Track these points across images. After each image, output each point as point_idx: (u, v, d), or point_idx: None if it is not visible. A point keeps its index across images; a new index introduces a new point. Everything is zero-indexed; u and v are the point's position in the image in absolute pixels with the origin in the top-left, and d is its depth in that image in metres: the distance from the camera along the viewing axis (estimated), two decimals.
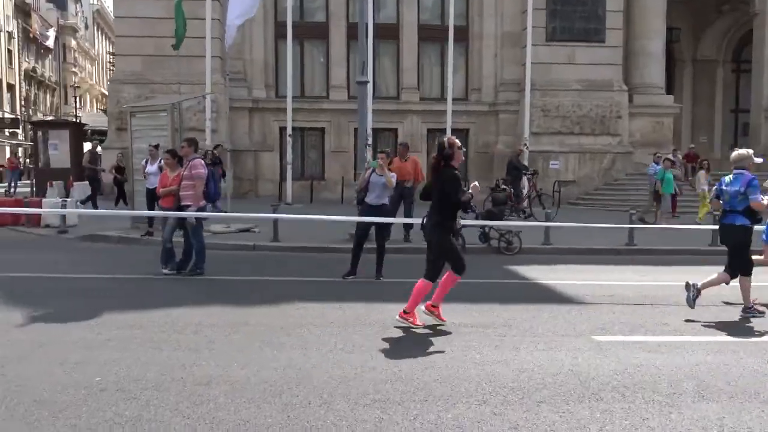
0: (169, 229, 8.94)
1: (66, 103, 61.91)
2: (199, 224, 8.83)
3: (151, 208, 11.58)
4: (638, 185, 20.02)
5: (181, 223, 8.83)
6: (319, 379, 4.52)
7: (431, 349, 5.41)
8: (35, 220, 14.22)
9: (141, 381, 4.42)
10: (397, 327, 6.05)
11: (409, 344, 5.55)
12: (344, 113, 21.71)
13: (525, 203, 16.95)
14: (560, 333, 5.96)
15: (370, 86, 17.36)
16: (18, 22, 51.45)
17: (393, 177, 8.90)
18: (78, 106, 60.71)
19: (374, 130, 18.88)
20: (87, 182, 18.85)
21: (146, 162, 12.47)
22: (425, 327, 6.06)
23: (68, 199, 14.58)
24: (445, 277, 6.22)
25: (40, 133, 22.26)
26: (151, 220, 12.28)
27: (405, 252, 11.19)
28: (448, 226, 6.15)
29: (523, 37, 21.65)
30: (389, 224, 9.80)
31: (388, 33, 22.58)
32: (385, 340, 5.66)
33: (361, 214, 9.10)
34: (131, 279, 8.65)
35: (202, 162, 8.79)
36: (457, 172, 6.08)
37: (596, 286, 8.44)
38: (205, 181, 8.63)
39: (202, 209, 8.77)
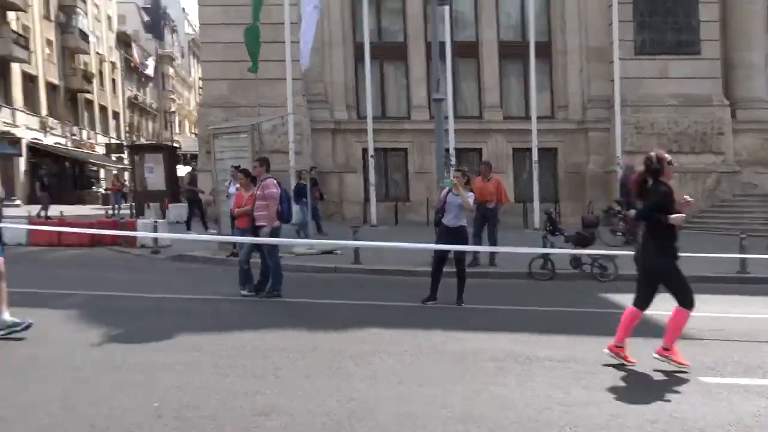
0: (245, 251, 8.89)
1: (166, 128, 65.25)
2: (274, 246, 8.71)
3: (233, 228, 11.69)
4: (750, 207, 18.49)
5: (258, 245, 8.76)
6: (384, 414, 4.16)
7: (511, 385, 4.92)
8: (132, 241, 14.68)
9: (200, 409, 4.21)
10: (480, 358, 5.60)
11: (486, 378, 5.08)
12: (426, 133, 21.40)
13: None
14: (661, 372, 5.30)
15: (450, 105, 17.12)
16: (120, 53, 54.83)
17: (470, 197, 8.47)
18: (176, 131, 63.88)
19: (457, 150, 18.51)
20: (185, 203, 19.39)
21: (229, 183, 12.65)
22: (492, 360, 5.57)
23: (160, 221, 14.97)
24: (673, 314, 5.44)
25: (137, 157, 23.33)
26: None
27: (489, 276, 10.72)
28: (670, 250, 5.36)
29: (609, 51, 20.69)
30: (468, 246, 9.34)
31: (467, 51, 22.19)
32: (460, 372, 5.23)
33: (438, 236, 8.73)
34: (210, 300, 8.63)
35: (275, 182, 8.69)
36: (667, 189, 5.37)
37: (704, 319, 7.54)
38: (278, 201, 8.53)
39: (276, 229, 8.64)
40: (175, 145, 33.90)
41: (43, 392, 4.52)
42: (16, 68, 37.21)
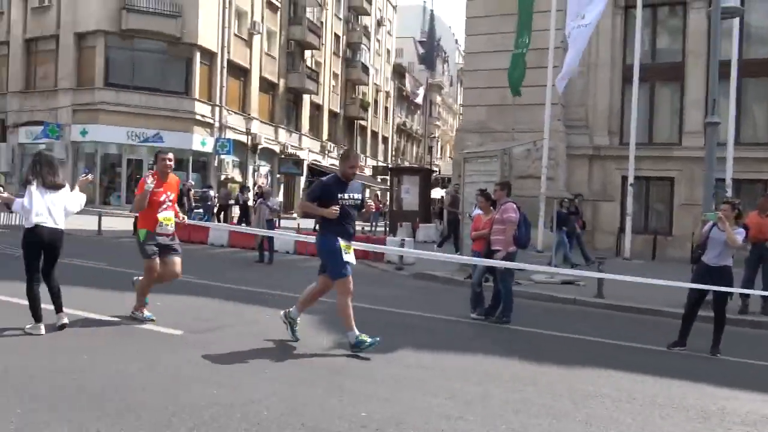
0: (478, 274, 8.84)
1: (429, 153, 68.84)
2: (508, 271, 8.53)
3: None
4: None
5: (491, 268, 8.66)
6: None
7: None
8: (380, 256, 15.66)
9: (402, 426, 4.23)
10: (728, 421, 4.76)
11: None
12: (698, 161, 19.20)
13: None
14: None
15: (730, 130, 15.14)
16: (394, 83, 59.32)
17: (739, 234, 7.32)
18: (437, 155, 66.93)
19: (736, 180, 16.30)
20: (438, 223, 20.08)
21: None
22: (742, 425, 4.65)
23: (407, 239, 15.69)
24: None
25: (396, 179, 24.89)
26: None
27: (762, 327, 9.18)
28: None
29: None
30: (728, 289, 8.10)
31: (759, 70, 19.49)
32: None
33: (695, 275, 7.72)
34: (440, 319, 8.73)
35: (515, 206, 8.51)
36: None
37: None
38: (515, 225, 8.33)
39: (511, 254, 8.44)
40: (433, 168, 35.43)
41: (263, 389, 4.95)
42: (306, 99, 42.47)
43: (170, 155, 7.18)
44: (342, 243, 6.13)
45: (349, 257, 6.20)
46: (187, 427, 3.98)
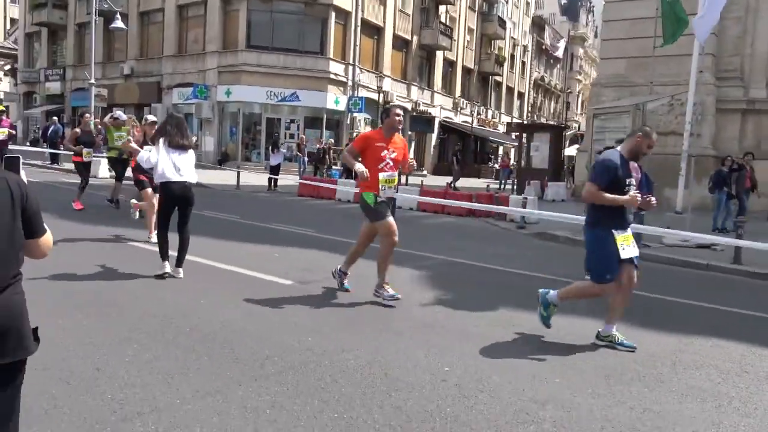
0: None
1: (568, 109, 65.88)
2: None
3: None
4: None
5: None
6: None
7: None
8: (503, 215, 15.45)
9: (483, 382, 4.24)
10: None
11: None
12: None
13: None
14: None
15: None
16: (532, 37, 57.01)
17: None
18: (578, 111, 63.88)
19: None
20: (570, 181, 19.38)
21: None
22: None
23: (530, 197, 15.29)
24: None
25: (525, 135, 24.18)
26: None
27: None
28: None
29: None
30: None
31: None
32: None
33: None
34: (548, 279, 8.49)
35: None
36: None
37: None
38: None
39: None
40: (569, 124, 33.97)
41: (355, 340, 5.15)
42: (439, 55, 42.07)
43: (400, 110, 6.42)
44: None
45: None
46: (277, 369, 4.27)
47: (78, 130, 12.81)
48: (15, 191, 2.13)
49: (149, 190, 8.84)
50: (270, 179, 21.06)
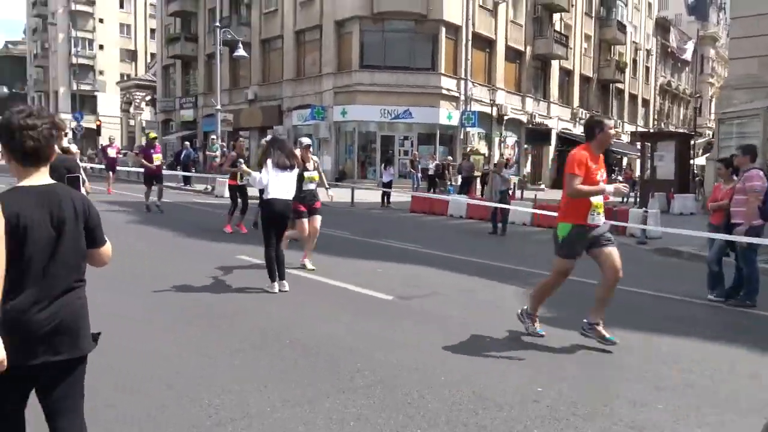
0: (715, 250, 7.89)
1: (699, 114, 61.75)
2: (751, 248, 7.47)
3: None
4: None
5: (732, 244, 7.67)
6: None
7: None
8: (621, 229, 14.68)
9: (576, 405, 4.09)
10: None
11: None
12: None
13: None
14: None
15: None
16: (656, 39, 54.18)
17: None
18: (711, 116, 59.68)
19: None
20: (699, 193, 18.13)
21: None
22: None
23: (651, 211, 14.48)
24: None
25: (648, 145, 22.95)
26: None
27: None
28: None
29: None
30: None
31: None
32: None
33: None
34: (667, 299, 8.00)
35: (761, 174, 7.38)
36: None
37: None
38: (761, 195, 7.25)
39: (755, 228, 7.37)
40: (698, 132, 31.86)
41: (446, 356, 5.13)
42: (554, 65, 41.03)
43: (612, 122, 5.89)
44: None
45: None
46: (366, 382, 4.35)
47: (234, 153, 13.06)
48: (78, 206, 2.39)
49: (305, 221, 8.51)
50: (383, 195, 21.45)
